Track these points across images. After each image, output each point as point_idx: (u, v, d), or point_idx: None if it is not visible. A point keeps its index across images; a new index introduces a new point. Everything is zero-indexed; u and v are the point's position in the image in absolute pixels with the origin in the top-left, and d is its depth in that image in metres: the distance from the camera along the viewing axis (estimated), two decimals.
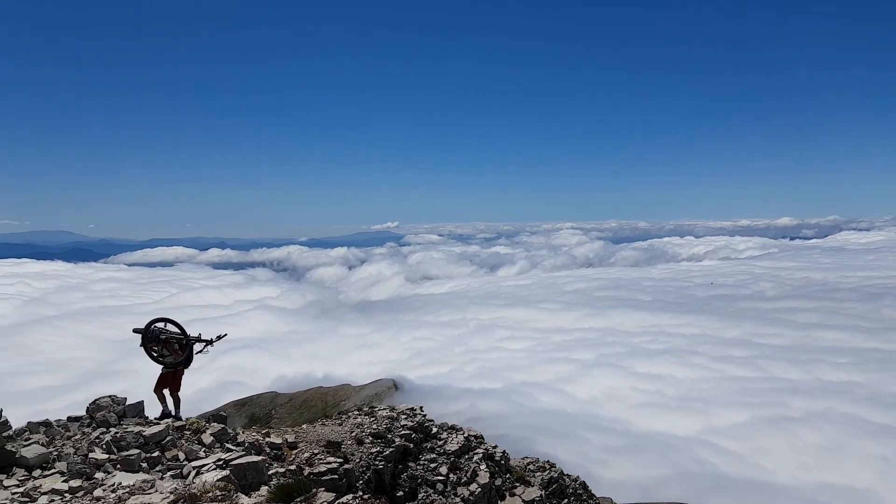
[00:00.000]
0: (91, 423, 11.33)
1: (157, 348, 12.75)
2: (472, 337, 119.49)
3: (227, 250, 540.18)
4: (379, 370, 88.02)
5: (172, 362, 12.86)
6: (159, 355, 12.78)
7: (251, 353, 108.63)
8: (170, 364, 12.86)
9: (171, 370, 12.94)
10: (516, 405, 70.78)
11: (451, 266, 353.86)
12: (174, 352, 12.94)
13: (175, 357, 12.95)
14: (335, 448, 13.78)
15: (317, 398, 65.46)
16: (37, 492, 8.36)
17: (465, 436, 16.41)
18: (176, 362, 12.90)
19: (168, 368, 12.91)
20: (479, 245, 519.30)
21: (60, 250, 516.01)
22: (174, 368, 12.98)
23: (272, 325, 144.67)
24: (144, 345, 12.75)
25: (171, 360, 12.84)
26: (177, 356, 12.99)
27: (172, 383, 12.98)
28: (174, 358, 12.91)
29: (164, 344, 12.84)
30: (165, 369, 12.95)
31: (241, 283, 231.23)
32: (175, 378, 13.00)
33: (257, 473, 9.17)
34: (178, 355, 13.01)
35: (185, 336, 13.21)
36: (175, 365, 12.91)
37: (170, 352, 12.88)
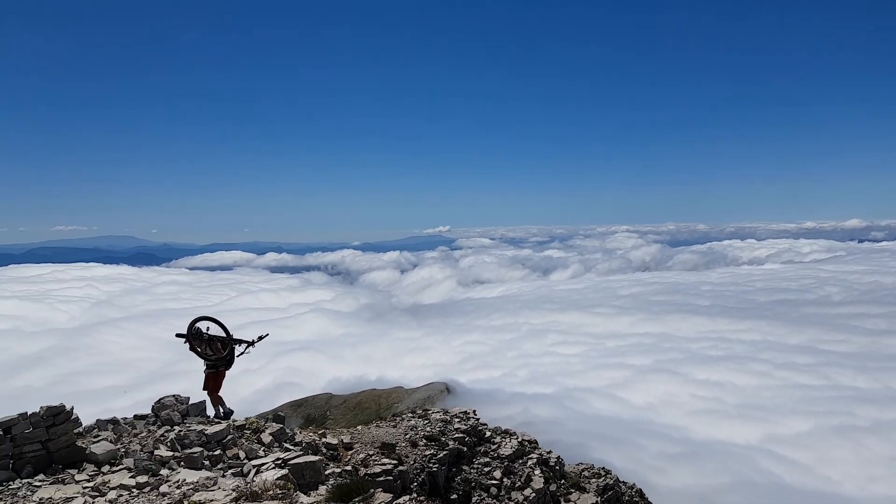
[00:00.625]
0: (156, 421, 11.74)
1: (201, 347, 12.98)
2: (524, 341, 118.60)
3: (283, 254, 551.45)
4: (431, 373, 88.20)
5: (215, 360, 13.06)
6: (205, 353, 13.01)
7: (307, 354, 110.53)
8: (212, 363, 13.05)
9: (213, 370, 13.15)
10: (569, 410, 69.88)
11: (503, 270, 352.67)
12: (217, 351, 13.15)
13: (219, 356, 13.13)
14: (390, 450, 13.91)
15: (370, 400, 66.08)
16: (106, 486, 8.70)
17: (518, 440, 16.33)
18: (217, 361, 13.06)
19: (210, 369, 13.11)
20: (531, 249, 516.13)
21: (126, 255, 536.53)
22: (216, 368, 13.17)
23: (327, 328, 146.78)
24: (190, 342, 12.97)
25: (214, 359, 13.03)
26: (220, 355, 13.18)
27: (213, 383, 13.16)
28: (215, 358, 13.08)
29: (207, 343, 13.05)
30: (208, 370, 13.16)
31: (297, 287, 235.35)
32: (216, 378, 13.19)
33: (315, 473, 9.33)
34: (220, 354, 13.19)
35: (228, 336, 13.41)
36: (216, 364, 13.08)
37: (213, 351, 13.08)
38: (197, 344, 12.89)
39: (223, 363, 13.22)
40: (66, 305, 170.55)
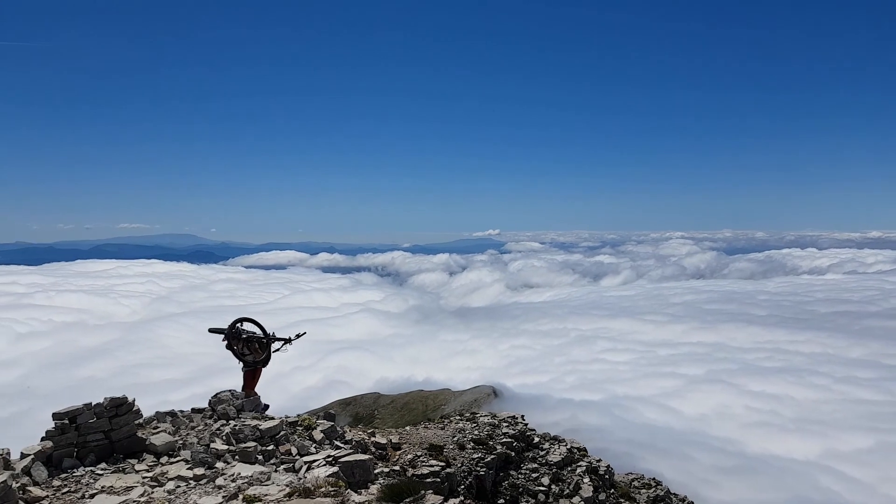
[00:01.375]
0: (212, 414, 12.04)
1: (239, 346, 13.10)
2: (573, 347, 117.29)
3: (335, 255, 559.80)
4: (477, 376, 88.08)
5: (253, 361, 13.15)
6: (240, 353, 13.13)
7: (356, 354, 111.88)
8: (250, 363, 13.15)
9: (250, 369, 13.26)
10: (618, 419, 68.75)
11: (553, 275, 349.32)
12: (254, 351, 13.24)
13: (255, 356, 13.25)
14: (437, 451, 13.95)
15: (417, 401, 66.42)
16: (164, 477, 8.98)
17: (567, 447, 16.17)
18: (256, 361, 13.19)
19: (248, 367, 13.22)
20: (582, 254, 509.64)
21: (185, 252, 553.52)
22: (253, 367, 13.28)
23: (376, 328, 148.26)
24: (230, 343, 13.10)
25: (251, 359, 13.14)
26: (257, 355, 13.28)
27: (249, 382, 13.29)
28: (254, 357, 13.20)
29: (245, 343, 13.17)
30: (245, 368, 13.27)
31: (348, 287, 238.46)
32: (253, 377, 13.30)
33: (364, 472, 9.43)
34: (258, 354, 13.28)
35: (266, 335, 13.49)
36: (255, 364, 13.20)
37: (250, 350, 13.19)
38: (235, 343, 13.08)
39: (261, 363, 13.37)
40: (128, 300, 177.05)
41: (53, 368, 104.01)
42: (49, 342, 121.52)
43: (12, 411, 78.54)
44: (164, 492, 8.40)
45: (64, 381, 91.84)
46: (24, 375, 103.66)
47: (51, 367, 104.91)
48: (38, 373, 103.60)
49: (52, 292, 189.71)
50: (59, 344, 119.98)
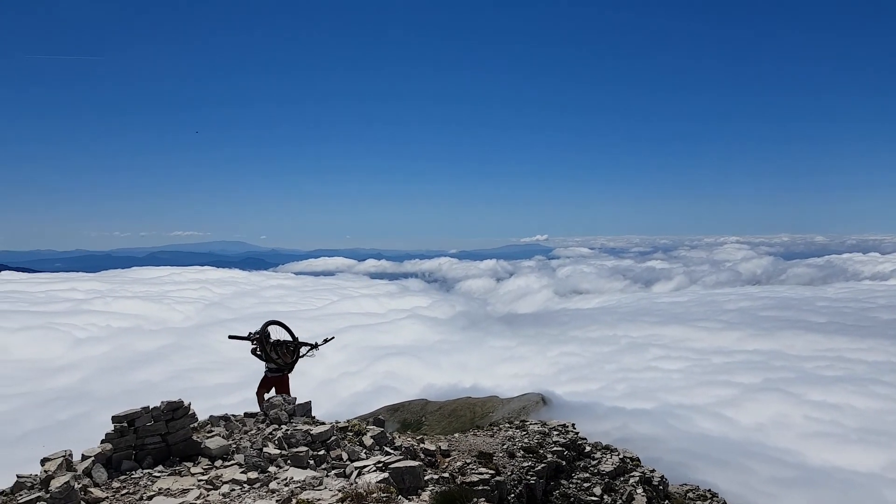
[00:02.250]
0: (265, 419, 12.18)
1: (265, 351, 12.99)
2: (623, 354, 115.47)
3: (382, 261, 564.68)
4: (525, 383, 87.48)
5: (282, 365, 13.07)
6: (267, 357, 13.00)
7: (403, 360, 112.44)
8: (276, 368, 13.05)
9: (277, 374, 13.14)
10: (671, 428, 67.29)
11: (603, 280, 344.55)
12: (283, 356, 13.14)
13: (283, 361, 13.14)
14: (487, 459, 13.82)
15: (465, 408, 66.26)
16: (219, 480, 9.10)
17: (620, 457, 15.84)
18: (283, 367, 13.11)
19: (274, 373, 13.09)
20: (633, 259, 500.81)
21: (237, 259, 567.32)
22: (280, 373, 13.15)
23: (423, 334, 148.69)
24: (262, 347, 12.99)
25: (279, 364, 13.05)
26: (285, 360, 13.18)
27: (279, 387, 13.13)
28: (282, 362, 13.09)
29: (273, 347, 13.05)
30: (271, 373, 13.13)
31: (395, 293, 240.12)
32: (282, 383, 13.19)
33: (414, 478, 9.39)
34: (287, 359, 13.19)
35: (295, 340, 13.42)
36: (282, 369, 13.14)
37: (278, 355, 13.07)
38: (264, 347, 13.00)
39: (288, 368, 13.29)
40: (182, 306, 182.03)
41: (111, 372, 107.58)
42: (107, 347, 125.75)
43: (72, 414, 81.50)
44: (220, 495, 8.51)
45: (121, 385, 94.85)
46: (83, 379, 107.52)
47: (108, 371, 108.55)
48: (97, 377, 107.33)
49: (109, 298, 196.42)
50: (117, 349, 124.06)
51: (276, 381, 13.14)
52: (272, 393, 13.27)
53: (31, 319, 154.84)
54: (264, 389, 13.15)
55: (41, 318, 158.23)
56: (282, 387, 13.19)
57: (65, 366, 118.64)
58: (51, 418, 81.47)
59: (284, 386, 13.24)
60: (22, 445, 65.97)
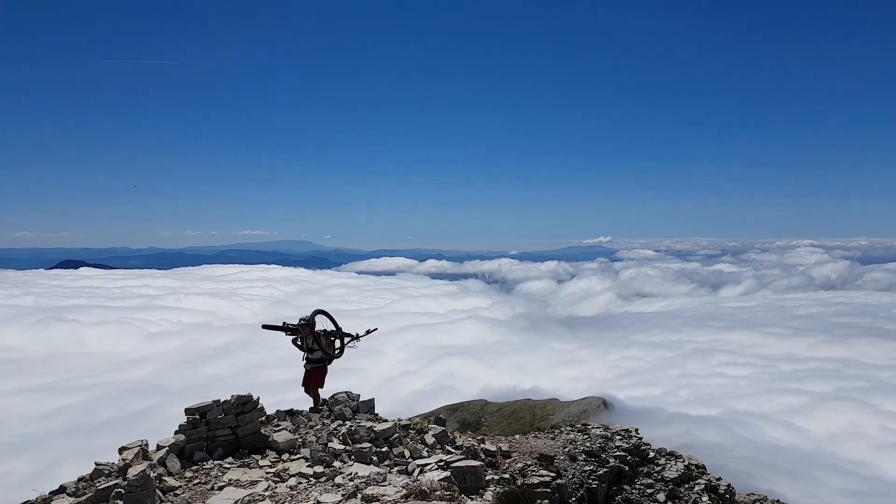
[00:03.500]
0: (330, 415, 12.45)
1: (309, 341, 12.67)
2: (687, 360, 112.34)
3: (442, 261, 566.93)
4: (585, 387, 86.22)
5: (325, 356, 12.74)
6: (310, 348, 12.70)
7: (463, 360, 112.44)
8: (316, 360, 12.72)
9: (318, 365, 12.81)
10: (737, 436, 65.02)
11: (667, 284, 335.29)
12: (327, 346, 12.85)
13: (327, 352, 12.82)
14: (548, 462, 13.72)
15: (525, 410, 65.83)
16: (286, 473, 9.36)
17: (685, 464, 15.46)
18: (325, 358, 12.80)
19: (316, 364, 12.78)
20: (699, 262, 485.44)
21: (302, 258, 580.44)
22: (322, 364, 12.84)
23: (482, 335, 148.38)
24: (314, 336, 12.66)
25: (318, 356, 12.70)
26: (329, 350, 12.87)
27: (316, 379, 12.84)
28: (322, 353, 12.74)
29: (316, 338, 12.69)
30: (312, 365, 12.78)
31: (455, 293, 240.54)
32: (320, 374, 12.86)
33: (475, 478, 9.41)
34: (330, 350, 12.89)
35: (338, 331, 13.14)
36: (323, 360, 12.80)
37: (319, 346, 12.76)
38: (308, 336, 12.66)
39: (328, 360, 12.96)
40: (249, 303, 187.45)
41: (181, 366, 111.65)
42: (178, 342, 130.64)
43: (145, 405, 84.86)
44: (287, 487, 8.75)
45: (191, 379, 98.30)
46: (156, 372, 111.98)
47: (179, 365, 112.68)
48: (168, 370, 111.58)
49: (180, 295, 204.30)
50: (187, 343, 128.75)
51: (318, 371, 12.88)
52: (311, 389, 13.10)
53: (107, 314, 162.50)
54: (307, 384, 12.97)
55: (117, 312, 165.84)
56: (318, 378, 12.93)
57: (138, 359, 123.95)
58: (125, 409, 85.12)
59: (321, 377, 12.96)
60: (98, 434, 69.33)
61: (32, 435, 76.31)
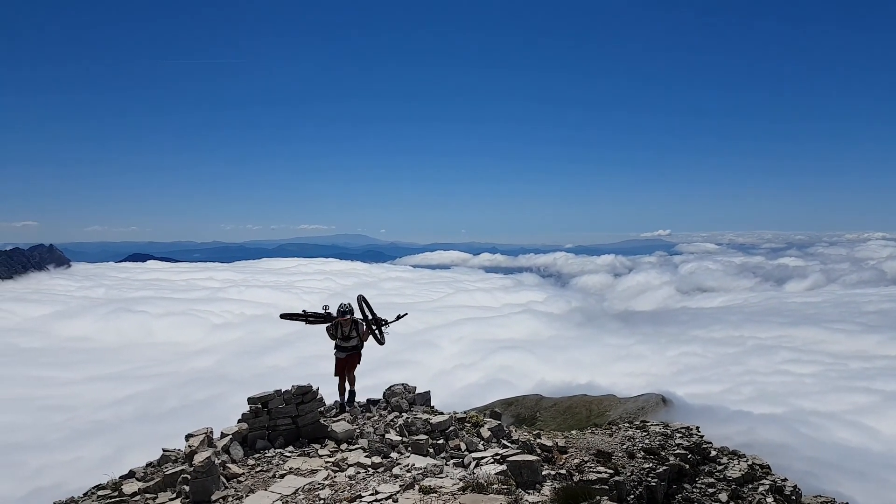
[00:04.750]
0: (387, 406, 12.60)
1: (346, 329, 12.36)
2: (750, 356, 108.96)
3: (497, 255, 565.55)
4: (642, 383, 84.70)
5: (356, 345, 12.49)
6: (347, 336, 12.39)
7: (517, 354, 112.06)
8: (350, 348, 12.44)
9: (353, 353, 12.55)
10: (802, 435, 62.72)
11: (729, 278, 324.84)
12: (361, 334, 12.56)
13: (362, 339, 12.58)
14: (605, 458, 13.54)
15: (581, 405, 65.07)
16: (344, 463, 9.55)
17: (748, 463, 15.00)
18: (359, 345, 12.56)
19: (350, 352, 12.49)
20: (763, 256, 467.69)
21: (358, 251, 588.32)
22: (357, 351, 12.60)
23: (537, 329, 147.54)
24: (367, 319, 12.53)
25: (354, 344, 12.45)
26: (364, 338, 12.60)
27: (351, 366, 12.61)
28: (358, 341, 12.51)
29: (353, 325, 12.41)
30: (346, 353, 12.47)
31: (510, 287, 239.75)
32: (352, 362, 12.61)
33: (532, 473, 9.35)
34: (365, 336, 12.61)
35: (374, 317, 12.94)
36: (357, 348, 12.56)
37: (357, 333, 12.50)
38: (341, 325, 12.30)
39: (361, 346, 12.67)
40: (308, 296, 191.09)
41: (243, 356, 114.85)
42: (240, 333, 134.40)
43: (209, 394, 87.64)
44: (346, 477, 8.91)
45: (252, 369, 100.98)
46: (219, 362, 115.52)
47: (241, 355, 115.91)
48: (230, 360, 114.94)
49: (242, 287, 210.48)
50: (249, 334, 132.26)
51: (348, 360, 12.59)
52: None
53: (173, 306, 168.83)
54: (343, 372, 12.66)
55: (182, 304, 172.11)
56: (352, 364, 12.67)
57: (203, 349, 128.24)
58: (190, 398, 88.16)
59: (353, 364, 12.69)
60: (165, 421, 72.03)
61: (103, 421, 79.96)
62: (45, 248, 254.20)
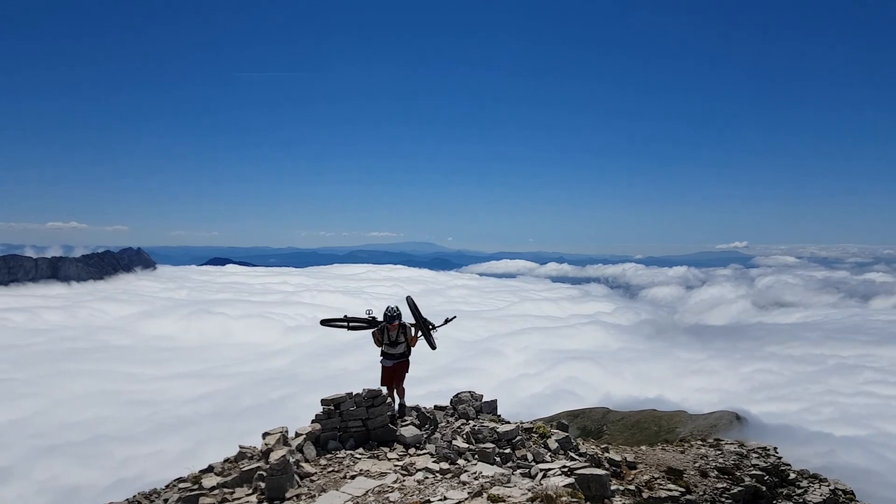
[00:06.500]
0: (454, 413, 12.71)
1: (394, 334, 11.73)
2: (830, 375, 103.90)
3: (564, 265, 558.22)
4: (715, 399, 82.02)
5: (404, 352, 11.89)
6: (394, 342, 11.75)
7: (584, 365, 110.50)
8: (398, 355, 11.83)
9: (401, 361, 11.90)
10: (887, 461, 59.31)
11: (810, 293, 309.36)
12: (409, 339, 11.94)
13: (410, 345, 11.96)
14: (676, 476, 13.22)
15: (649, 420, 63.49)
16: (413, 467, 9.71)
17: (830, 488, 14.32)
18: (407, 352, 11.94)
19: (398, 359, 11.85)
20: (848, 271, 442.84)
21: (425, 259, 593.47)
22: (405, 359, 11.97)
23: (605, 341, 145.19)
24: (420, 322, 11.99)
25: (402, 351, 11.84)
26: (412, 342, 11.99)
27: (400, 376, 11.95)
28: (406, 347, 11.89)
29: (402, 330, 11.80)
30: (394, 361, 11.81)
31: (577, 297, 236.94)
32: (401, 370, 11.95)
33: (600, 487, 9.27)
34: (413, 341, 11.99)
35: (423, 321, 12.28)
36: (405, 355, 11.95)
37: (405, 338, 11.88)
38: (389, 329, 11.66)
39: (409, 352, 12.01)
40: (377, 301, 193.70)
41: (315, 359, 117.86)
42: (312, 336, 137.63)
43: (282, 394, 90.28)
44: (415, 481, 9.07)
45: (323, 371, 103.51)
46: (292, 363, 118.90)
47: (313, 358, 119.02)
48: (303, 361, 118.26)
49: (314, 292, 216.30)
50: (321, 337, 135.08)
51: (396, 368, 11.87)
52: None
53: (250, 308, 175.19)
54: (391, 382, 11.90)
55: (258, 307, 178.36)
56: (400, 375, 11.97)
57: (277, 350, 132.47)
58: (265, 397, 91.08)
59: (402, 374, 11.98)
60: (241, 419, 74.63)
61: (184, 416, 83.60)
62: (133, 251, 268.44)
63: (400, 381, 11.94)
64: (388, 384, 11.83)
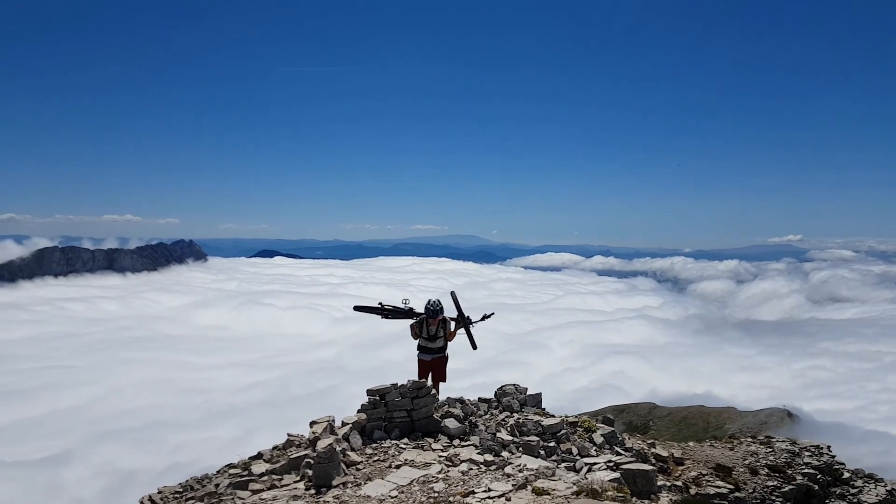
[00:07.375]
0: (498, 405, 12.73)
1: (434, 328, 11.68)
2: (888, 373, 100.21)
3: (610, 258, 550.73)
4: (765, 396, 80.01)
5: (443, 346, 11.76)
6: (433, 336, 11.69)
7: (630, 360, 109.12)
8: (436, 350, 11.74)
9: (439, 356, 11.84)
10: None
11: (867, 288, 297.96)
12: (448, 334, 11.82)
13: (448, 340, 11.81)
14: (725, 473, 13.01)
15: (697, 416, 62.28)
16: (457, 458, 9.77)
17: (887, 489, 13.89)
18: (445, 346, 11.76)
19: (437, 354, 11.80)
20: None
21: (470, 252, 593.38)
22: (444, 354, 11.89)
23: (652, 335, 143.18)
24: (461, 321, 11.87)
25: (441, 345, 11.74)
26: (450, 338, 11.84)
27: (438, 372, 11.88)
28: (444, 342, 11.76)
29: (442, 324, 11.66)
30: (433, 356, 11.77)
31: (623, 291, 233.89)
32: (441, 365, 11.90)
33: (647, 482, 9.19)
34: (451, 337, 11.84)
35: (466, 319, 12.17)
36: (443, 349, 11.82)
37: (444, 333, 11.78)
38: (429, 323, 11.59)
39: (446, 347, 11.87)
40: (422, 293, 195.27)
41: (361, 349, 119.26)
42: (358, 327, 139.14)
43: (329, 384, 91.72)
44: (459, 472, 9.13)
45: (368, 362, 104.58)
46: (339, 354, 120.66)
47: (359, 349, 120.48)
48: (349, 352, 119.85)
49: (360, 283, 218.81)
50: (366, 329, 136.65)
51: (435, 364, 11.84)
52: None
53: (298, 300, 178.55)
54: (427, 376, 11.90)
55: (306, 298, 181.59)
56: (441, 371, 11.89)
57: (324, 341, 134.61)
58: (312, 386, 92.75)
59: (442, 370, 11.88)
60: (289, 408, 76.20)
61: (235, 404, 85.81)
62: (185, 243, 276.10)
63: (438, 377, 11.87)
64: (425, 378, 11.80)
